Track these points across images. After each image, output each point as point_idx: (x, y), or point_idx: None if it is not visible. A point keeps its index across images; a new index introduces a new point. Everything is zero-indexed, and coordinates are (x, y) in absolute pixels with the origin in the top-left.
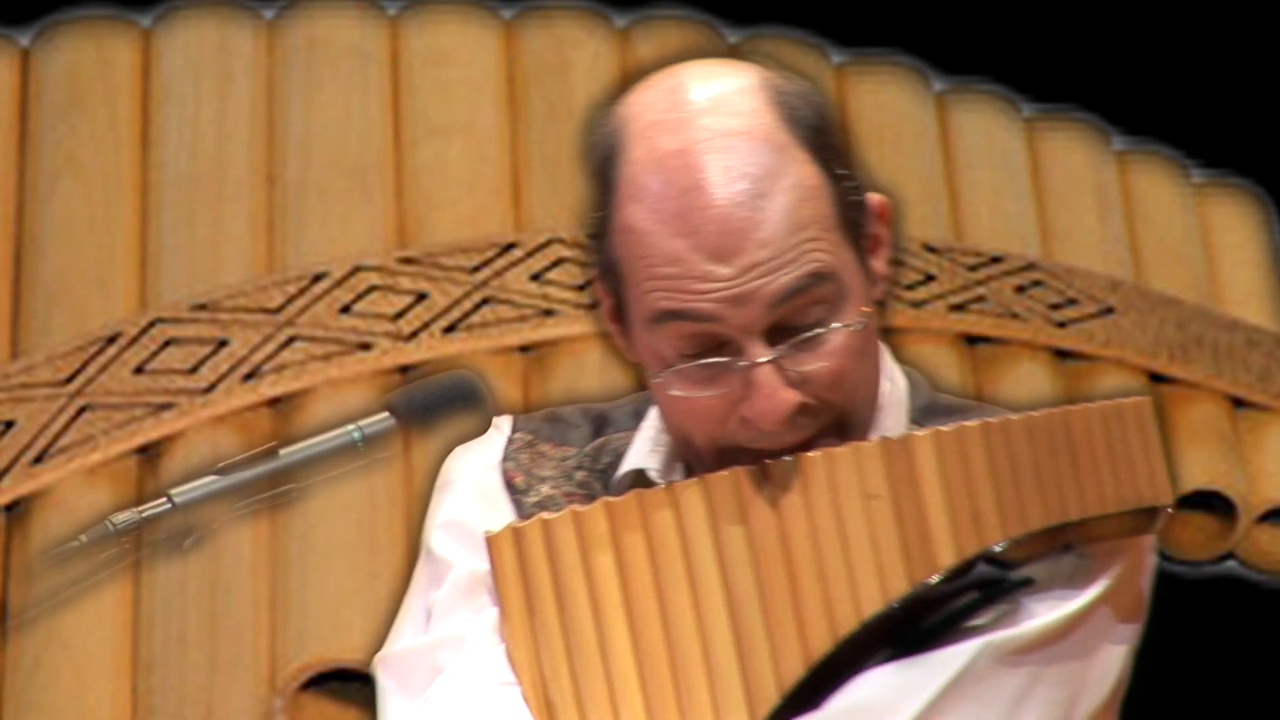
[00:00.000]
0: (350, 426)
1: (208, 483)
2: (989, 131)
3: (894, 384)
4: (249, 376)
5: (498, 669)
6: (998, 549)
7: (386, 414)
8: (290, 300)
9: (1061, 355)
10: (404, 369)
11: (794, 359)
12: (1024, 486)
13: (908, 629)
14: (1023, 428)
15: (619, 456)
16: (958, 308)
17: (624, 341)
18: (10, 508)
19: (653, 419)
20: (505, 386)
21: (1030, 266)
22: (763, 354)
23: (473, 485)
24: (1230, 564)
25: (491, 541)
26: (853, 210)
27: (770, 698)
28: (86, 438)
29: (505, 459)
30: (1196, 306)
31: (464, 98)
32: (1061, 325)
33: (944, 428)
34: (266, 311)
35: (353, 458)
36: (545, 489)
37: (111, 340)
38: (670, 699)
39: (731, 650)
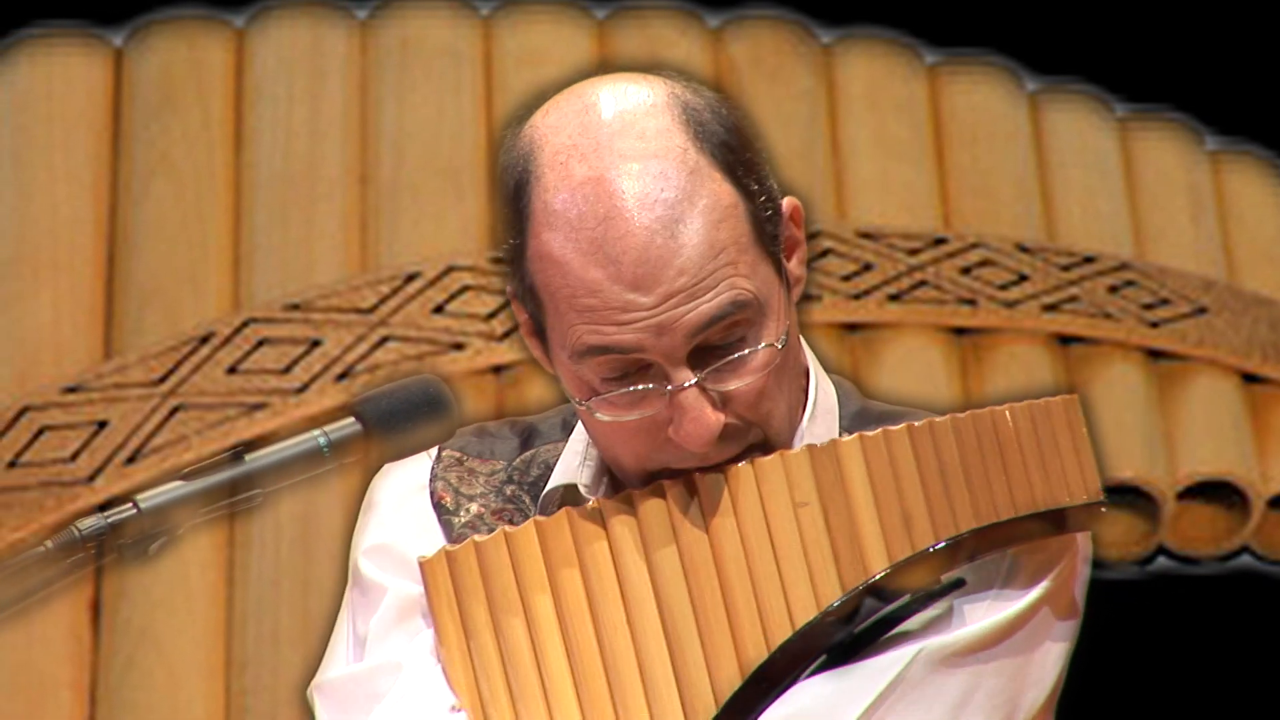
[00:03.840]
0: (316, 432)
1: (173, 488)
2: (1082, 131)
3: (824, 393)
4: (342, 376)
5: (439, 693)
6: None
7: (353, 420)
8: (383, 300)
9: (1154, 355)
10: (497, 369)
11: (717, 379)
12: (953, 488)
13: (843, 636)
14: (949, 429)
15: (548, 468)
16: (1051, 308)
17: (542, 355)
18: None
19: (580, 432)
20: None
21: (1123, 266)
22: (687, 378)
23: (400, 507)
24: None
25: (425, 566)
26: (768, 223)
27: (708, 708)
28: (179, 438)
29: (434, 479)
30: None
31: None
32: (1154, 325)
33: (869, 432)
34: (359, 311)
35: (319, 464)
36: (475, 507)
37: (204, 340)
38: (608, 715)
39: (666, 663)
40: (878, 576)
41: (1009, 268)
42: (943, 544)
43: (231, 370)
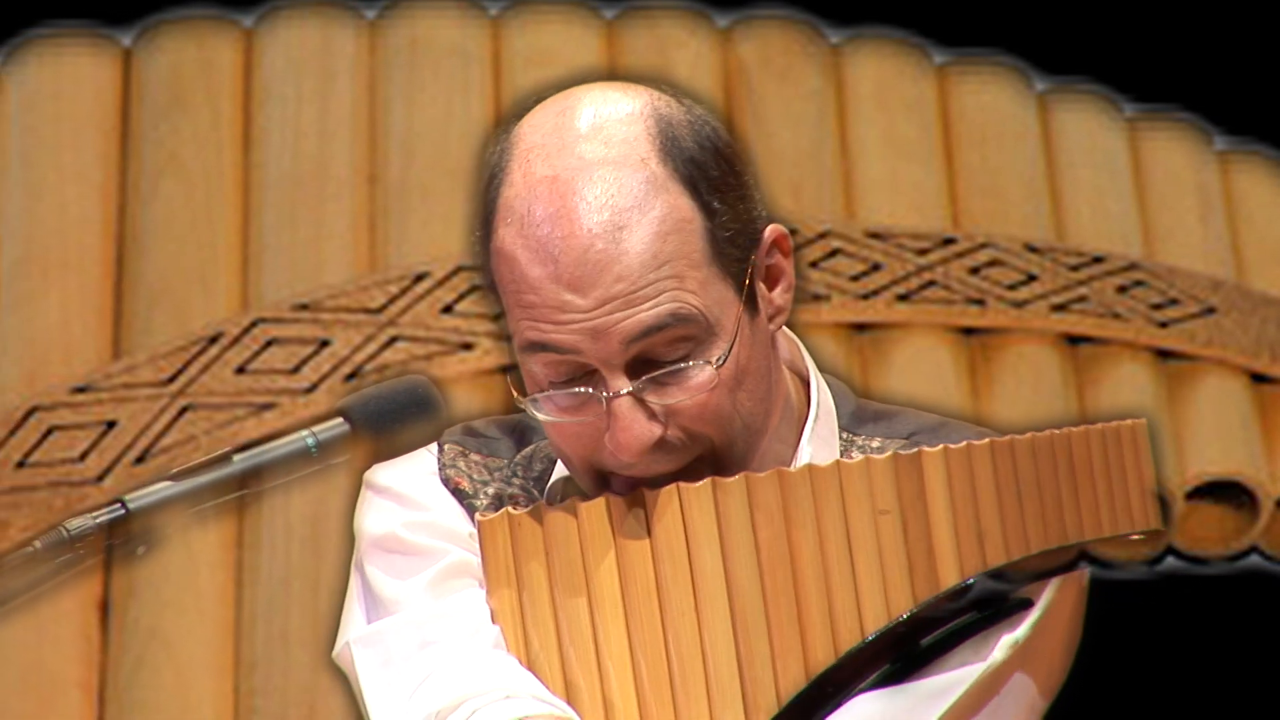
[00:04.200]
0: (304, 432)
1: (162, 488)
2: (1091, 131)
3: (823, 395)
4: (351, 376)
5: (496, 639)
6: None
7: (341, 420)
8: (392, 300)
9: (1163, 355)
10: (506, 369)
11: (656, 392)
12: (1027, 507)
13: (907, 645)
14: (1027, 448)
15: (551, 462)
16: (1059, 308)
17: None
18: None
19: None
20: None
21: (1132, 266)
22: (622, 386)
23: (425, 490)
24: None
25: (484, 526)
26: (733, 244)
27: (770, 706)
28: (188, 438)
29: (443, 468)
30: None
31: None
32: (1163, 325)
33: (953, 445)
34: (368, 311)
35: (307, 464)
36: (491, 490)
37: (213, 340)
38: (665, 696)
39: (732, 655)
40: (949, 590)
41: (1018, 268)
42: (1012, 562)
43: (240, 370)
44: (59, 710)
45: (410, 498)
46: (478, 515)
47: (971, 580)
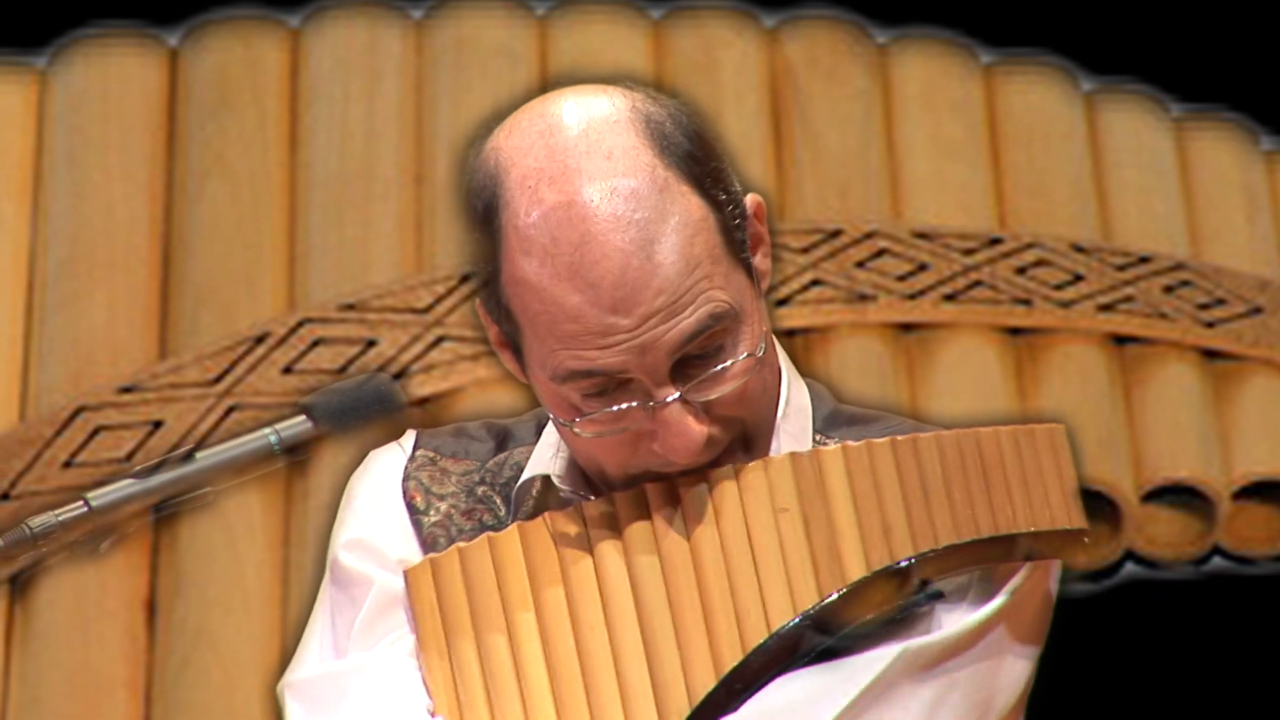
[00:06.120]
0: (266, 430)
1: (124, 486)
2: (1137, 131)
3: (796, 391)
4: (397, 376)
5: (413, 694)
6: (909, 562)
7: (303, 417)
8: (438, 300)
9: (1210, 355)
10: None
11: (699, 390)
12: (934, 502)
13: (818, 642)
14: (932, 445)
15: (520, 470)
16: (1106, 308)
17: (516, 368)
18: (159, 507)
19: (553, 428)
20: None
21: (1179, 266)
22: (669, 394)
23: (374, 503)
24: None
25: (410, 575)
26: (737, 230)
27: (682, 709)
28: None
29: (406, 478)
30: None
31: None
32: (1210, 325)
33: (852, 443)
34: (415, 311)
35: (269, 461)
36: (444, 506)
37: (260, 340)
38: (583, 715)
39: (643, 664)
40: (855, 584)
41: (1064, 268)
42: (921, 556)
43: (287, 370)
44: (105, 710)
45: (362, 512)
46: (404, 568)
47: (877, 572)
